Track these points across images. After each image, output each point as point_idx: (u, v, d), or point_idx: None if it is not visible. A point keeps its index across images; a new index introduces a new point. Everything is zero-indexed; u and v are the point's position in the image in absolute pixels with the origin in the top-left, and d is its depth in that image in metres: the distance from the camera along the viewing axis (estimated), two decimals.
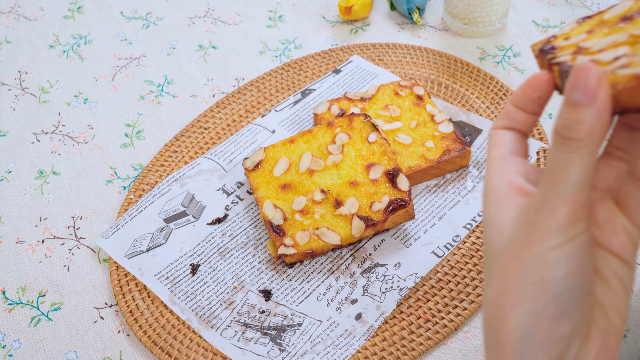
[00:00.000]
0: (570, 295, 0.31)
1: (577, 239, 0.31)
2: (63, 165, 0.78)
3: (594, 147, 0.30)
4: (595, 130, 0.30)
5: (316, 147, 0.69)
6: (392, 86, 0.77)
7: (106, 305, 0.66)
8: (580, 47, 0.34)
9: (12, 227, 0.72)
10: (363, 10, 0.91)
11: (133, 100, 0.84)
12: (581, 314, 0.32)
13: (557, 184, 0.31)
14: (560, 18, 0.92)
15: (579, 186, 0.31)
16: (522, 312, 0.32)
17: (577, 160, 0.30)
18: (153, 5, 0.97)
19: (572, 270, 0.31)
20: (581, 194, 0.31)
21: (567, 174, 0.31)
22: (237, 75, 0.87)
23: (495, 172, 0.36)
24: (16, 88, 0.87)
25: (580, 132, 0.30)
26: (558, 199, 0.31)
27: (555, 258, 0.31)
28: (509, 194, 0.35)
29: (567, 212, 0.31)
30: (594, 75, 0.29)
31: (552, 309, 0.31)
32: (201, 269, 0.66)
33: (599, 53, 0.32)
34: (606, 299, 0.34)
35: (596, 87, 0.29)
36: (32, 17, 0.97)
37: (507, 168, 0.36)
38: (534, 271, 0.32)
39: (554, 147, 0.31)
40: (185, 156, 0.76)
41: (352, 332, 0.61)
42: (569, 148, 0.30)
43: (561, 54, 0.35)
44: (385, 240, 0.68)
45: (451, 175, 0.73)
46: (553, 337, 0.32)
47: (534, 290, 0.32)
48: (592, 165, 0.31)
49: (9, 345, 0.63)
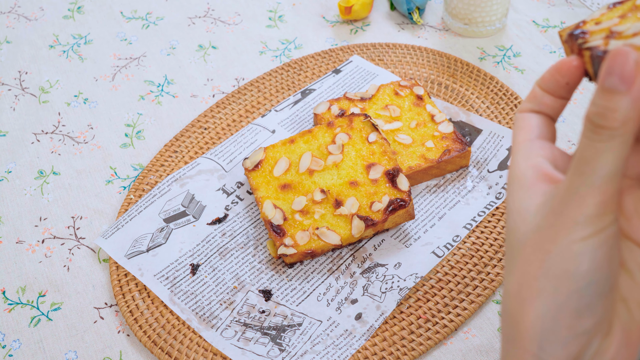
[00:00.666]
0: (594, 289, 0.30)
1: (605, 232, 0.30)
2: (63, 165, 0.78)
3: (628, 136, 0.28)
4: (630, 119, 0.28)
5: (316, 147, 0.69)
6: (392, 86, 0.77)
7: (106, 305, 0.66)
8: (613, 31, 0.32)
9: (12, 227, 0.72)
10: (363, 10, 0.91)
11: (133, 100, 0.85)
12: (604, 309, 0.31)
13: (587, 174, 0.29)
14: (561, 18, 0.92)
15: (609, 177, 0.29)
16: (543, 305, 0.31)
17: (609, 149, 0.29)
18: (153, 5, 0.97)
19: (598, 264, 0.30)
20: (611, 185, 0.29)
21: (598, 163, 0.29)
22: (237, 75, 0.87)
23: (521, 156, 0.34)
24: (16, 88, 0.87)
25: (614, 120, 0.28)
26: (587, 189, 0.29)
27: (581, 250, 0.30)
28: (534, 180, 0.33)
29: (596, 203, 0.29)
30: (632, 60, 0.27)
31: (574, 303, 0.30)
32: (201, 269, 0.66)
33: (634, 37, 0.30)
34: (630, 293, 0.32)
35: (634, 73, 0.27)
36: (32, 17, 0.97)
37: (534, 152, 0.34)
38: (557, 263, 0.30)
39: (585, 135, 0.29)
40: (185, 156, 0.76)
41: (352, 332, 0.61)
42: (601, 137, 0.29)
43: (592, 38, 0.33)
44: (385, 240, 0.68)
45: (451, 175, 0.73)
46: (574, 332, 0.31)
47: (556, 283, 0.30)
48: (624, 155, 0.29)
49: (9, 345, 0.63)
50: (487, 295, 0.63)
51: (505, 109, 0.79)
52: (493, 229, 0.68)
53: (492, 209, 0.70)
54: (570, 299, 0.30)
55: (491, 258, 0.66)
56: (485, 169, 0.73)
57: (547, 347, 0.31)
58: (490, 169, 0.73)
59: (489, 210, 0.69)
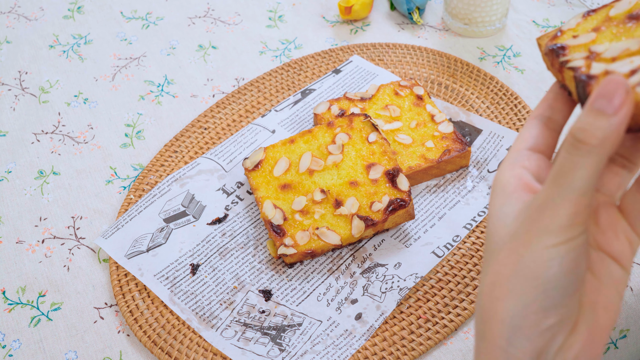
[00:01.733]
0: (559, 291, 0.33)
1: (574, 241, 0.32)
2: (63, 165, 0.78)
3: (604, 155, 0.31)
4: (609, 139, 0.30)
5: (316, 147, 0.69)
6: (392, 86, 0.77)
7: (106, 305, 0.66)
8: (592, 51, 0.34)
9: (12, 227, 0.72)
10: (363, 10, 0.91)
11: (133, 100, 0.85)
12: (567, 309, 0.33)
13: (562, 185, 0.32)
14: (560, 18, 0.92)
15: (583, 190, 0.31)
16: (512, 304, 0.33)
17: (585, 164, 0.31)
18: (153, 5, 0.97)
19: (565, 269, 0.32)
20: (584, 198, 0.32)
21: (573, 176, 0.31)
22: (237, 75, 0.87)
23: (507, 165, 0.36)
24: (16, 88, 0.87)
25: (594, 137, 0.30)
26: (562, 200, 0.32)
27: (551, 256, 0.32)
28: (515, 189, 0.35)
29: (568, 214, 0.32)
30: (623, 89, 0.30)
31: (540, 303, 0.33)
32: (201, 269, 0.66)
33: (614, 62, 0.33)
34: (598, 298, 0.35)
35: (623, 100, 0.30)
36: (32, 17, 0.97)
37: (519, 163, 0.36)
38: (528, 266, 0.33)
39: (565, 149, 0.32)
40: (185, 156, 0.77)
41: (352, 332, 0.61)
42: (579, 152, 0.31)
43: (572, 56, 0.35)
44: (385, 240, 0.68)
45: (451, 175, 0.73)
46: (539, 328, 0.33)
47: (526, 284, 0.33)
48: (598, 172, 0.31)
49: (9, 345, 0.63)
50: None
51: (505, 109, 0.79)
52: None
53: None
54: (537, 299, 0.33)
55: None
56: (485, 169, 0.73)
57: (515, 342, 0.34)
58: (490, 169, 0.73)
59: None
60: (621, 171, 0.36)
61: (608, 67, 0.33)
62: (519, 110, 0.78)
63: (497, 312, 0.34)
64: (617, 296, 0.35)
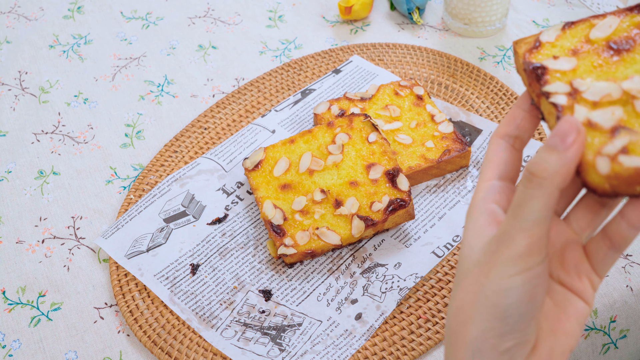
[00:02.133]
0: (515, 319, 0.35)
1: (531, 271, 0.34)
2: (63, 165, 0.78)
3: (554, 188, 0.33)
4: (558, 174, 0.33)
5: (316, 147, 0.69)
6: (392, 86, 0.77)
7: (106, 305, 0.66)
8: (574, 87, 0.36)
9: (12, 227, 0.72)
10: (363, 10, 0.91)
11: (133, 100, 0.85)
12: (524, 333, 0.35)
13: (518, 217, 0.34)
14: (560, 18, 0.92)
15: (537, 221, 0.33)
16: (474, 328, 0.36)
17: (538, 197, 0.33)
18: (153, 5, 0.97)
19: (522, 299, 0.34)
20: (539, 229, 0.34)
21: (527, 209, 0.34)
22: (237, 75, 0.87)
23: (479, 200, 0.39)
24: (16, 88, 0.87)
25: (545, 171, 0.33)
26: (517, 231, 0.34)
27: (508, 286, 0.34)
28: (486, 223, 0.38)
29: (524, 244, 0.34)
30: (575, 131, 0.33)
31: (498, 328, 0.35)
32: (201, 269, 0.66)
33: (595, 110, 0.35)
34: (558, 325, 0.37)
35: (574, 140, 0.33)
36: (32, 17, 0.97)
37: (490, 197, 0.38)
38: (487, 296, 0.35)
39: (521, 182, 0.34)
40: (185, 156, 0.77)
41: (352, 332, 0.61)
42: (532, 184, 0.33)
43: (554, 86, 0.36)
44: (385, 240, 0.68)
45: (451, 175, 0.73)
46: (498, 350, 0.36)
47: (485, 311, 0.35)
48: (551, 205, 0.33)
49: (9, 345, 0.63)
50: None
51: (505, 109, 0.79)
52: None
53: None
54: (495, 325, 0.35)
55: None
56: None
57: None
58: None
59: None
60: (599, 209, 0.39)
61: (591, 117, 0.34)
62: None
63: (462, 335, 0.37)
64: (577, 326, 0.37)
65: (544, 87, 0.37)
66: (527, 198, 0.33)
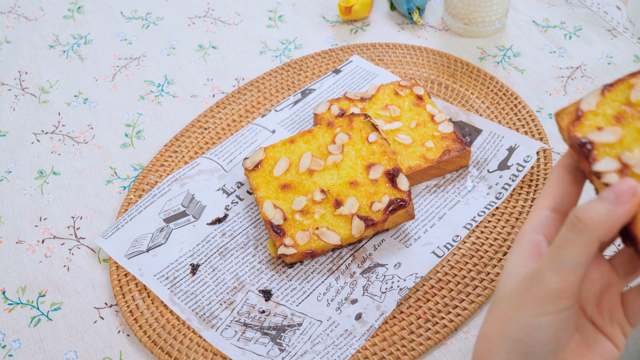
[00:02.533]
0: (539, 357, 0.36)
1: (559, 314, 0.35)
2: (63, 165, 0.78)
3: (595, 239, 0.33)
4: (602, 225, 0.33)
5: (316, 147, 0.69)
6: (392, 86, 0.77)
7: (106, 305, 0.66)
8: (623, 162, 0.36)
9: (12, 227, 0.72)
10: (363, 10, 0.91)
11: (133, 100, 0.85)
12: None
13: (554, 259, 0.34)
14: (560, 18, 0.92)
15: (572, 267, 0.34)
16: (498, 358, 0.37)
17: (578, 243, 0.33)
18: (153, 5, 0.97)
19: (547, 339, 0.35)
20: (573, 275, 0.34)
21: (565, 252, 0.34)
22: (237, 75, 0.87)
23: (529, 228, 0.39)
24: (16, 88, 0.87)
25: (590, 219, 0.33)
26: (552, 273, 0.34)
27: (535, 325, 0.35)
28: (529, 253, 0.38)
29: (555, 288, 0.34)
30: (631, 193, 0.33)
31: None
32: (201, 269, 0.66)
33: None
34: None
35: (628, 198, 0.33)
36: (32, 17, 0.97)
37: (539, 229, 0.38)
38: (514, 330, 0.36)
39: (565, 225, 0.34)
40: (185, 156, 0.77)
41: (352, 332, 0.61)
42: (574, 229, 0.33)
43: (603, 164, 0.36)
44: (385, 240, 0.68)
45: (451, 175, 0.73)
46: None
47: (510, 345, 0.36)
48: (589, 254, 0.33)
49: (9, 345, 0.63)
50: (487, 295, 0.63)
51: (505, 109, 0.79)
52: (493, 229, 0.68)
53: (492, 209, 0.69)
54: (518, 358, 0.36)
55: (491, 258, 0.66)
56: (485, 169, 0.73)
57: None
58: (490, 169, 0.73)
59: (489, 210, 0.69)
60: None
61: None
62: (519, 110, 0.78)
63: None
64: None
65: (593, 167, 0.36)
66: (567, 242, 0.34)
